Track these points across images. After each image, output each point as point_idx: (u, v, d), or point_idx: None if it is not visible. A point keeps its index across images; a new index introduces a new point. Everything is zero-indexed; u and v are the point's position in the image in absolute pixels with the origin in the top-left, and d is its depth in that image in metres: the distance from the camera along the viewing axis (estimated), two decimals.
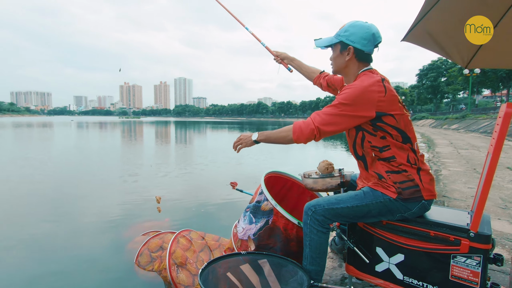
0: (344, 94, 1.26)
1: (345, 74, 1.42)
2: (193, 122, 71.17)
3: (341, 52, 1.37)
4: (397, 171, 1.29)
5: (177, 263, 1.95)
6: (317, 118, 1.27)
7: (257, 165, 8.22)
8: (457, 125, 23.73)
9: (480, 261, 1.15)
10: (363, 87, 1.24)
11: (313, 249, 1.36)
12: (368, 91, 1.23)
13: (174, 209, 4.20)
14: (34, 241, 3.11)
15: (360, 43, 1.31)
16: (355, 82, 1.31)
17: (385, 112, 1.25)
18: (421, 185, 1.27)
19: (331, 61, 1.45)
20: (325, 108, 1.29)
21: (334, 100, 1.29)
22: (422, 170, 1.30)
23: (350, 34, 1.33)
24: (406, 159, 1.28)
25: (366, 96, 1.23)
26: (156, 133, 24.62)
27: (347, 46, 1.34)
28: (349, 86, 1.29)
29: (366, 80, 1.27)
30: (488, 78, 32.23)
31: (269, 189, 1.85)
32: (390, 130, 1.27)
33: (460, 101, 52.81)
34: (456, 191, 3.66)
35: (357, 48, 1.32)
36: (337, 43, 1.38)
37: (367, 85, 1.24)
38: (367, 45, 1.32)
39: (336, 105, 1.25)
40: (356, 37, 1.32)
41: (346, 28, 1.34)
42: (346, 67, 1.39)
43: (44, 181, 5.93)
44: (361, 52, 1.33)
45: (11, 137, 18.06)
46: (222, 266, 1.47)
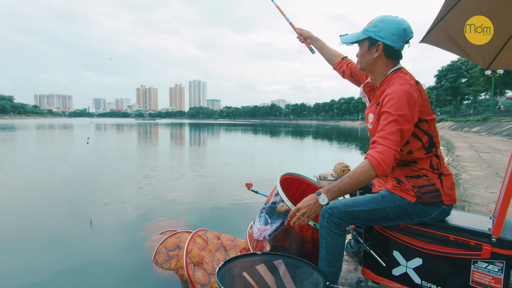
0: (397, 103, 1.16)
1: (372, 72, 1.36)
2: (207, 124, 71.95)
3: (369, 49, 1.31)
4: (417, 176, 1.27)
5: (193, 262, 1.99)
6: (388, 141, 1.14)
7: (271, 166, 8.23)
8: (478, 128, 22.86)
9: (502, 267, 1.13)
10: (406, 92, 1.17)
11: (329, 251, 1.36)
12: (411, 95, 1.18)
13: (190, 209, 4.28)
14: (53, 240, 3.22)
15: (390, 39, 1.25)
16: (393, 86, 1.23)
17: (422, 117, 1.21)
18: (442, 190, 1.25)
19: (358, 58, 1.40)
20: (384, 126, 1.17)
21: (384, 114, 1.19)
22: (444, 175, 1.27)
23: (379, 30, 1.26)
24: (428, 164, 1.25)
25: (412, 101, 1.18)
26: (171, 134, 25.06)
27: (376, 42, 1.28)
28: (396, 94, 1.18)
29: (404, 83, 1.21)
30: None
31: (285, 191, 1.86)
32: (421, 135, 1.23)
33: (481, 102, 50.87)
34: (477, 196, 3.54)
35: (386, 44, 1.26)
36: (365, 39, 1.32)
37: (407, 88, 1.18)
38: (398, 41, 1.25)
39: (396, 120, 1.15)
40: (385, 32, 1.25)
41: (375, 23, 1.28)
42: (374, 64, 1.33)
43: (63, 181, 6.16)
44: (391, 49, 1.27)
45: (35, 138, 18.86)
46: (238, 265, 1.49)
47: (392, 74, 1.30)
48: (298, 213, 1.23)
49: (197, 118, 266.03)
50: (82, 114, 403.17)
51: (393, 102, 1.17)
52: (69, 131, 28.14)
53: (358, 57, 1.39)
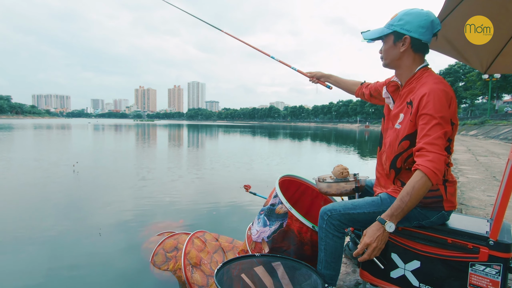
0: (433, 105, 1.12)
1: (398, 67, 1.31)
2: (205, 125, 71.95)
3: (394, 43, 1.26)
4: None
5: (191, 263, 1.98)
6: (437, 147, 1.10)
7: (269, 169, 8.23)
8: (475, 131, 23.00)
9: (500, 270, 1.13)
10: (443, 91, 1.14)
11: (328, 253, 1.36)
12: (448, 94, 1.14)
13: (188, 211, 4.27)
14: (51, 241, 3.20)
15: (418, 31, 1.20)
16: (428, 85, 1.18)
17: (452, 119, 1.15)
18: (445, 196, 1.24)
19: (382, 54, 1.35)
20: (428, 130, 1.12)
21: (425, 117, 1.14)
22: (449, 182, 1.25)
23: (405, 23, 1.21)
24: None
25: (449, 100, 1.14)
26: (170, 136, 25.02)
27: (402, 36, 1.23)
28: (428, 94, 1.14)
29: (439, 82, 1.17)
30: (509, 83, 31.17)
31: (283, 192, 1.86)
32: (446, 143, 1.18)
33: (478, 106, 51.22)
34: (475, 199, 3.56)
35: (414, 37, 1.21)
36: (389, 33, 1.27)
37: (444, 88, 1.15)
38: (425, 33, 1.20)
39: (440, 123, 1.11)
40: (412, 25, 1.20)
41: (401, 17, 1.24)
42: (400, 59, 1.28)
43: (60, 182, 6.13)
44: (418, 42, 1.22)
45: (32, 138, 18.76)
46: (236, 267, 1.49)
47: (421, 71, 1.25)
48: (369, 249, 1.15)
49: (196, 119, 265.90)
50: (80, 115, 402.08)
51: (433, 103, 1.12)
52: (67, 132, 28.03)
53: (382, 53, 1.34)
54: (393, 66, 1.33)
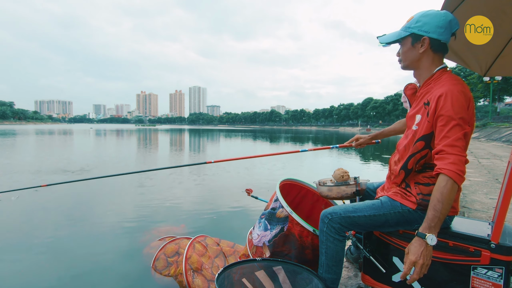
0: (451, 105, 1.11)
1: (417, 68, 1.30)
2: (206, 130, 72.05)
3: (413, 45, 1.26)
4: (427, 183, 1.24)
5: (193, 268, 1.98)
6: (457, 149, 1.08)
7: (270, 172, 8.22)
8: (477, 134, 22.93)
9: (502, 273, 1.12)
10: (461, 92, 1.12)
11: (329, 257, 1.36)
12: (467, 95, 1.13)
13: (189, 215, 4.26)
14: (52, 246, 3.21)
15: (436, 32, 1.19)
16: (446, 86, 1.16)
17: (470, 123, 1.14)
18: None
19: (400, 57, 1.33)
20: (447, 132, 1.10)
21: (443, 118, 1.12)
22: None
23: (423, 24, 1.21)
24: None
25: (467, 100, 1.13)
26: (171, 140, 25.08)
27: (420, 37, 1.23)
28: (447, 95, 1.12)
29: (457, 83, 1.16)
30: (510, 85, 31.15)
31: (284, 196, 1.86)
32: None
33: (480, 108, 51.12)
34: (477, 202, 3.54)
35: (432, 38, 1.21)
36: (406, 36, 1.27)
37: (461, 88, 1.14)
38: (444, 33, 1.20)
39: (459, 124, 1.10)
40: (430, 26, 1.20)
41: (418, 19, 1.24)
42: (419, 60, 1.27)
43: (62, 187, 6.14)
44: (437, 42, 1.21)
45: (33, 144, 18.85)
46: (237, 271, 1.48)
47: (440, 72, 1.24)
48: (416, 268, 1.08)
49: (197, 124, 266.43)
50: (82, 120, 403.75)
51: (451, 104, 1.11)
52: (69, 137, 28.14)
53: (400, 56, 1.33)
54: (412, 67, 1.32)
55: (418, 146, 1.23)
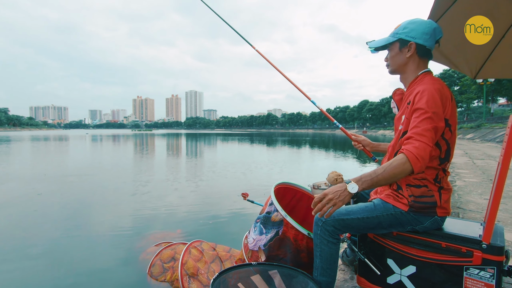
0: (426, 100, 1.16)
1: (403, 72, 1.36)
2: (203, 134, 71.97)
3: (400, 50, 1.33)
4: (418, 185, 1.26)
5: (189, 273, 1.97)
6: (425, 138, 1.12)
7: (267, 176, 8.22)
8: (472, 135, 23.16)
9: (493, 273, 1.14)
10: (438, 90, 1.18)
11: (323, 259, 1.36)
12: (444, 93, 1.19)
13: (186, 220, 4.24)
14: (47, 253, 3.18)
15: (422, 38, 1.27)
16: (423, 85, 1.23)
17: (448, 120, 1.20)
18: (439, 203, 1.25)
19: (388, 62, 1.40)
20: (418, 123, 1.16)
21: (417, 111, 1.18)
22: (444, 189, 1.26)
23: (410, 30, 1.29)
24: (433, 176, 1.24)
25: (444, 98, 1.18)
26: (168, 145, 25.00)
27: (407, 43, 1.30)
28: (423, 91, 1.19)
29: (435, 82, 1.22)
30: (503, 87, 31.55)
31: (279, 200, 1.87)
32: (442, 144, 1.22)
33: (474, 110, 51.69)
34: (472, 203, 3.56)
35: (418, 43, 1.28)
36: (394, 41, 1.34)
37: (439, 87, 1.19)
38: (429, 40, 1.28)
39: (430, 117, 1.14)
40: (417, 32, 1.28)
41: (405, 25, 1.31)
42: (406, 64, 1.34)
43: (58, 193, 6.09)
44: (423, 48, 1.29)
45: (28, 150, 18.68)
46: (233, 276, 1.48)
47: (423, 75, 1.30)
48: (324, 199, 1.15)
49: (194, 128, 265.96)
50: (78, 126, 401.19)
51: (427, 99, 1.16)
52: (64, 143, 27.94)
53: (388, 61, 1.39)
54: (399, 71, 1.38)
55: (402, 143, 1.26)
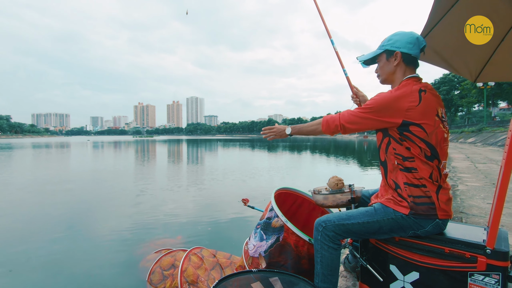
0: (373, 99, 1.31)
1: (392, 81, 1.43)
2: (204, 140, 72.08)
3: (387, 60, 1.40)
4: (416, 185, 1.26)
5: (188, 281, 1.94)
6: (344, 116, 1.37)
7: (268, 181, 8.19)
8: (473, 139, 23.08)
9: (499, 279, 1.11)
10: (393, 96, 1.27)
11: (324, 266, 1.34)
12: (397, 99, 1.26)
13: (186, 226, 4.21)
14: (47, 259, 3.16)
15: (406, 47, 1.35)
16: (390, 90, 1.33)
17: (413, 121, 1.24)
18: (438, 203, 1.24)
19: (378, 72, 1.47)
20: (355, 108, 1.37)
21: (365, 104, 1.34)
22: (443, 189, 1.27)
23: (394, 41, 1.37)
24: (428, 174, 1.25)
25: (394, 104, 1.26)
26: (169, 151, 25.01)
27: (393, 52, 1.37)
28: (381, 94, 1.32)
29: (401, 88, 1.30)
30: (503, 90, 31.56)
31: (280, 206, 1.85)
32: (418, 142, 1.25)
33: (475, 114, 51.66)
34: (474, 207, 3.53)
35: (404, 52, 1.35)
36: (382, 53, 1.42)
37: (399, 94, 1.27)
38: (413, 48, 1.35)
39: (363, 108, 1.33)
40: (401, 42, 1.36)
41: (389, 38, 1.40)
42: (394, 73, 1.40)
43: (59, 199, 6.07)
44: (408, 56, 1.35)
45: (30, 157, 18.72)
46: (233, 284, 1.46)
47: (405, 81, 1.35)
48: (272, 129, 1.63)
49: (195, 134, 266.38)
50: (80, 132, 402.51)
51: (374, 99, 1.31)
52: (66, 150, 28.00)
53: (378, 72, 1.47)
54: (389, 80, 1.45)
55: (379, 137, 1.39)
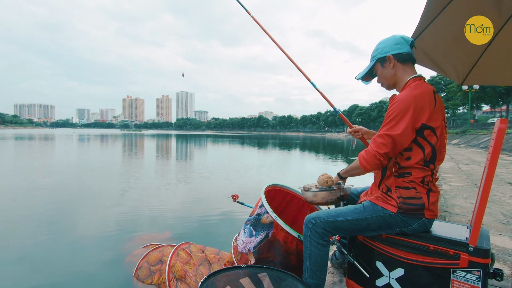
0: (395, 107, 1.24)
1: (397, 83, 1.41)
2: (194, 135, 71.43)
3: (383, 66, 1.40)
4: (406, 187, 1.28)
5: (176, 276, 1.93)
6: (374, 144, 1.28)
7: (258, 178, 8.21)
8: (457, 140, 23.76)
9: (480, 276, 1.15)
10: (413, 96, 1.23)
11: (313, 262, 1.36)
12: (418, 99, 1.22)
13: (174, 222, 4.18)
14: (32, 255, 3.08)
15: (395, 48, 1.36)
16: (404, 91, 1.29)
17: (430, 125, 1.23)
18: (427, 205, 1.27)
19: (380, 82, 1.46)
20: (381, 128, 1.29)
21: (386, 118, 1.27)
22: (433, 192, 1.29)
23: (382, 49, 1.39)
24: (421, 179, 1.27)
25: (417, 104, 1.22)
26: (157, 146, 24.68)
27: (385, 58, 1.38)
28: (397, 98, 1.27)
29: (418, 88, 1.26)
30: (487, 94, 32.55)
31: (269, 202, 1.86)
32: (426, 147, 1.25)
33: (459, 116, 53.14)
34: (457, 206, 3.64)
35: (395, 53, 1.36)
36: (375, 63, 1.43)
37: (418, 93, 1.23)
38: (402, 47, 1.35)
39: (390, 125, 1.24)
40: (388, 47, 1.37)
41: (376, 48, 1.43)
42: (395, 75, 1.39)
43: (43, 194, 5.91)
44: (401, 55, 1.36)
45: (13, 150, 18.11)
46: (221, 279, 1.46)
47: (412, 80, 1.33)
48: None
49: (184, 129, 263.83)
50: (65, 125, 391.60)
51: (395, 106, 1.25)
52: (50, 143, 27.23)
53: (381, 81, 1.46)
54: (393, 84, 1.44)
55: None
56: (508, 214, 3.33)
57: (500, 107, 37.49)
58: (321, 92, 1.91)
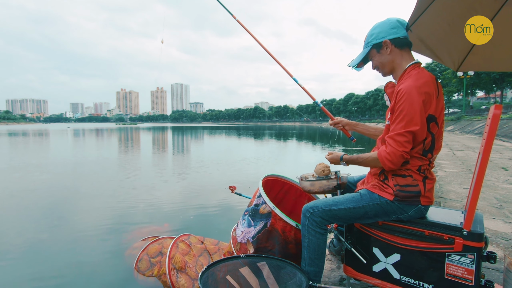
0: (404, 101, 1.20)
1: (394, 69, 1.37)
2: (190, 127, 71.11)
3: (379, 52, 1.36)
4: (403, 175, 1.29)
5: (176, 267, 1.95)
6: (395, 142, 1.22)
7: (255, 168, 8.24)
8: (452, 127, 23.96)
9: (473, 259, 1.18)
10: (420, 87, 1.19)
11: (311, 250, 1.38)
12: (426, 90, 1.19)
13: (173, 214, 4.20)
14: (32, 248, 3.10)
15: (392, 32, 1.31)
16: (408, 81, 1.24)
17: (434, 115, 1.22)
18: (423, 192, 1.28)
19: (376, 68, 1.42)
20: (395, 125, 1.23)
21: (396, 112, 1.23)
22: (429, 179, 1.30)
23: (377, 34, 1.34)
24: (418, 167, 1.27)
25: (425, 95, 1.19)
26: (154, 139, 24.57)
27: (381, 43, 1.33)
28: (404, 90, 1.21)
29: (421, 77, 1.22)
30: (481, 80, 32.68)
31: (267, 192, 1.87)
32: (427, 136, 1.24)
33: (454, 102, 53.42)
34: (452, 192, 3.70)
35: (392, 38, 1.31)
36: (370, 50, 1.38)
37: (424, 83, 1.20)
38: (399, 31, 1.31)
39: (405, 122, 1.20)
40: (384, 32, 1.32)
41: (371, 33, 1.37)
42: (393, 61, 1.35)
43: (41, 189, 5.89)
44: (398, 40, 1.32)
45: (7, 146, 17.92)
46: (221, 269, 1.48)
47: (411, 67, 1.30)
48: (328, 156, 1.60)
49: (180, 121, 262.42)
50: (59, 119, 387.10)
51: (405, 99, 1.20)
52: (45, 138, 26.97)
53: (376, 66, 1.41)
54: (390, 70, 1.40)
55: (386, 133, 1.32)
56: (501, 198, 3.39)
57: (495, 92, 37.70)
58: (303, 87, 1.98)
